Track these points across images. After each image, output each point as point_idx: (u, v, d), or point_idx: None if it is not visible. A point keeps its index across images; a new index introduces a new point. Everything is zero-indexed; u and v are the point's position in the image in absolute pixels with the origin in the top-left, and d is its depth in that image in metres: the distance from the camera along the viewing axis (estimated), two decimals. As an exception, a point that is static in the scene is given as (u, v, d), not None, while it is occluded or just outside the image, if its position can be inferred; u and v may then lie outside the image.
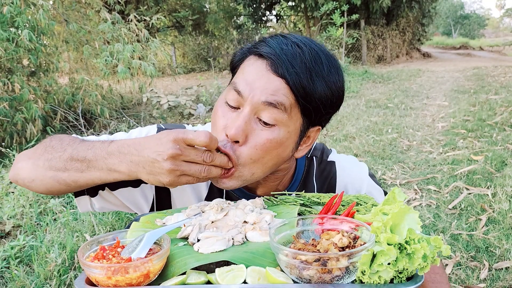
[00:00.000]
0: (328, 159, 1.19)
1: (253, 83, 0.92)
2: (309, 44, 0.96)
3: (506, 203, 3.44)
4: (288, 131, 0.95)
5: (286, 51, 0.93)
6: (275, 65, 0.92)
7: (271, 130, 0.93)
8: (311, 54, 0.94)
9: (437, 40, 34.63)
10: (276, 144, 0.94)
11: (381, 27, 18.85)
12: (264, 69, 0.93)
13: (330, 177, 1.17)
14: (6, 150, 4.64)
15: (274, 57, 0.92)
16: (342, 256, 0.69)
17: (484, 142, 5.34)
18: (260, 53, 0.94)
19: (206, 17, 19.03)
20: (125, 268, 0.72)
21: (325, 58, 0.96)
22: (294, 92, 0.92)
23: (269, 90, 0.91)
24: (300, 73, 0.92)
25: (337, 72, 0.99)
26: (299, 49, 0.93)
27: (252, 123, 0.93)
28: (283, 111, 0.92)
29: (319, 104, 0.95)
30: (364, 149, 5.29)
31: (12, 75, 5.62)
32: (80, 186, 0.99)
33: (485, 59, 20.00)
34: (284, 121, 0.93)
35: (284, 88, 0.92)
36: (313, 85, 0.93)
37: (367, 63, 17.40)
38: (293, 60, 0.92)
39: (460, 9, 48.04)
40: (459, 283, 2.52)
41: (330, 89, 0.96)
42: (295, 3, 18.21)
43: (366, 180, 1.18)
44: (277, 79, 0.92)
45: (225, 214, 0.93)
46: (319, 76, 0.93)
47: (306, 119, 0.98)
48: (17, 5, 5.33)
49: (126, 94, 9.12)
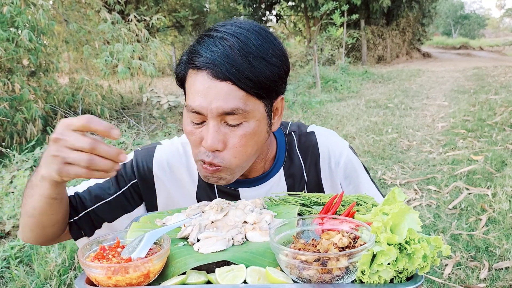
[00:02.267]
0: (307, 131, 1.23)
1: (205, 97, 0.94)
2: (234, 30, 0.96)
3: (506, 203, 3.44)
4: (256, 120, 0.98)
5: (217, 52, 0.93)
6: (214, 72, 0.93)
7: (241, 127, 0.97)
8: (240, 40, 0.94)
9: (437, 40, 34.63)
10: (252, 135, 0.99)
11: (381, 27, 18.85)
12: (207, 80, 0.94)
13: (312, 145, 1.20)
14: (6, 150, 4.64)
15: (210, 65, 0.93)
16: (342, 256, 0.69)
17: (484, 142, 5.34)
18: (196, 66, 0.96)
19: (206, 17, 19.04)
20: (125, 268, 0.72)
21: (254, 37, 0.96)
22: (243, 88, 0.94)
23: (221, 97, 0.93)
24: (239, 66, 0.93)
25: (271, 41, 0.99)
26: (227, 42, 0.94)
27: (222, 129, 0.97)
28: (242, 111, 0.95)
29: (269, 83, 0.97)
30: (364, 149, 5.29)
31: (12, 75, 5.62)
32: (50, 218, 1.00)
33: (485, 59, 20.00)
34: (248, 115, 0.96)
35: (233, 89, 0.94)
36: (256, 70, 0.94)
37: (367, 63, 17.40)
38: (227, 58, 0.93)
39: (460, 9, 48.03)
40: (459, 283, 2.52)
41: (271, 64, 0.97)
42: (295, 3, 18.21)
43: (346, 149, 1.21)
44: (222, 84, 0.93)
45: (225, 214, 0.93)
46: (256, 58, 0.94)
47: (266, 100, 1.00)
48: (17, 5, 5.33)
49: (126, 94, 9.12)
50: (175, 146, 1.19)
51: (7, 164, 4.42)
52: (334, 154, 1.20)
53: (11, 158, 4.41)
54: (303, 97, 8.69)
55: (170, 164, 1.17)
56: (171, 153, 1.18)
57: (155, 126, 7.00)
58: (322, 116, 7.33)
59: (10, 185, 3.72)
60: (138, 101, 8.72)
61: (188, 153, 1.18)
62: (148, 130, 6.66)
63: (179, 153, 1.18)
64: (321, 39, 12.13)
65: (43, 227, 1.01)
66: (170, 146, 1.19)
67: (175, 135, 6.03)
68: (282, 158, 1.19)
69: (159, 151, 1.17)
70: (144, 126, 6.87)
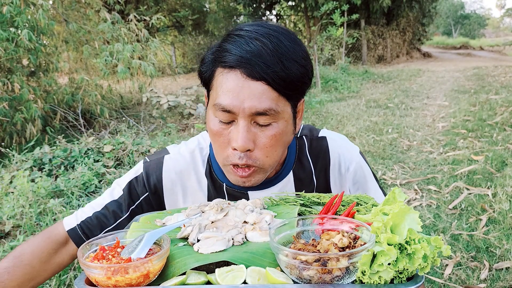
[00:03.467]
0: (318, 135, 1.23)
1: (238, 97, 0.94)
2: (264, 32, 0.96)
3: (506, 203, 3.43)
4: (285, 120, 1.00)
5: (250, 52, 0.93)
6: (248, 71, 0.93)
7: (271, 128, 0.98)
8: (272, 42, 0.95)
9: (438, 40, 34.61)
10: (281, 135, 1.00)
11: (381, 27, 18.85)
12: (241, 79, 0.94)
13: (323, 151, 1.20)
14: (5, 150, 4.63)
15: (244, 64, 0.93)
16: (342, 257, 0.69)
17: (484, 142, 5.34)
18: (228, 65, 0.95)
19: (206, 17, 19.03)
20: (125, 269, 0.72)
21: (284, 38, 0.97)
22: (277, 88, 0.94)
23: (254, 97, 0.93)
24: (273, 66, 0.93)
25: (298, 44, 1.00)
26: (260, 43, 0.94)
27: (252, 129, 0.97)
28: (275, 112, 0.96)
29: (298, 84, 0.98)
30: (364, 149, 5.29)
31: (12, 75, 5.62)
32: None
33: (486, 59, 19.99)
34: (278, 116, 0.98)
35: (266, 89, 0.94)
36: (288, 70, 0.95)
37: (367, 63, 17.40)
38: (261, 58, 0.92)
39: (461, 9, 48.02)
40: (459, 283, 2.52)
41: (301, 65, 0.98)
42: (295, 2, 18.22)
43: (356, 155, 1.21)
44: (257, 83, 0.93)
45: (225, 214, 0.93)
46: (288, 59, 0.95)
47: (292, 101, 1.01)
48: (17, 5, 5.33)
49: (126, 94, 9.12)
50: (182, 155, 1.19)
51: (6, 164, 4.42)
52: (345, 160, 1.20)
53: (11, 158, 4.40)
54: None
55: (179, 175, 1.18)
56: (179, 163, 1.18)
57: (155, 126, 7.00)
58: (322, 116, 7.33)
59: (10, 185, 3.71)
60: (138, 101, 8.72)
61: (196, 161, 1.18)
62: (148, 130, 6.66)
63: (187, 162, 1.18)
64: (321, 39, 12.13)
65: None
66: (178, 157, 1.19)
67: (174, 135, 6.04)
68: (292, 161, 1.19)
69: (167, 163, 1.18)
70: (144, 126, 6.87)
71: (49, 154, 4.34)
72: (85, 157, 4.32)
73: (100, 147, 4.62)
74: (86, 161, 4.17)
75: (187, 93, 8.85)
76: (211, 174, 1.17)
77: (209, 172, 1.17)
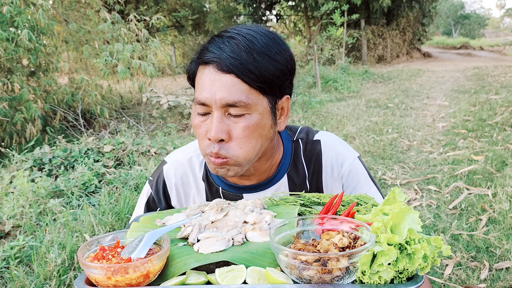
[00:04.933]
0: (313, 139, 1.25)
1: (210, 89, 1.00)
2: (244, 32, 1.03)
3: (506, 203, 3.43)
4: (259, 113, 1.02)
5: (224, 48, 1.00)
6: (219, 65, 0.99)
7: (244, 119, 1.01)
8: (246, 39, 1.00)
9: (438, 40, 34.60)
10: (255, 127, 1.02)
11: (381, 27, 18.84)
12: (213, 73, 1.00)
13: (316, 154, 1.22)
14: (5, 150, 4.63)
15: (217, 59, 0.99)
16: (342, 257, 0.69)
17: (484, 142, 5.34)
18: (204, 61, 1.02)
19: (206, 17, 19.02)
20: (125, 269, 0.72)
21: (260, 37, 1.02)
22: (246, 81, 0.99)
23: (225, 89, 0.98)
24: (243, 60, 0.98)
25: (276, 42, 1.05)
26: (234, 41, 1.00)
27: (225, 120, 1.01)
28: (244, 103, 0.99)
29: (272, 78, 1.02)
30: (364, 149, 5.29)
31: (12, 75, 5.62)
32: None
33: (486, 59, 19.99)
34: (250, 108, 1.01)
35: (236, 81, 0.99)
36: (259, 64, 0.99)
37: (367, 63, 17.40)
38: (232, 53, 0.99)
39: (461, 9, 48.02)
40: (460, 283, 2.52)
41: (275, 60, 1.02)
42: (295, 2, 18.20)
43: (350, 159, 1.22)
44: (227, 76, 0.99)
45: (225, 214, 0.93)
46: (260, 54, 1.00)
47: (269, 96, 1.04)
48: (17, 5, 5.33)
49: (125, 94, 9.12)
50: (179, 161, 1.25)
51: (6, 164, 4.42)
52: (337, 163, 1.21)
53: (11, 158, 4.40)
54: (303, 97, 8.69)
55: (179, 180, 1.24)
56: (177, 170, 1.24)
57: (155, 126, 7.00)
58: (322, 116, 7.33)
59: (10, 185, 3.71)
60: (138, 101, 8.72)
61: (194, 166, 1.24)
62: (148, 130, 6.66)
63: (184, 167, 1.24)
64: (321, 39, 12.13)
65: None
66: (175, 164, 1.25)
67: (174, 135, 6.04)
68: (287, 164, 1.21)
69: (167, 172, 1.25)
70: (144, 126, 6.87)
71: (49, 154, 4.34)
72: (85, 157, 4.32)
73: (100, 147, 4.62)
74: (86, 161, 4.17)
75: (187, 93, 8.84)
76: (207, 178, 1.22)
77: (205, 176, 1.22)
